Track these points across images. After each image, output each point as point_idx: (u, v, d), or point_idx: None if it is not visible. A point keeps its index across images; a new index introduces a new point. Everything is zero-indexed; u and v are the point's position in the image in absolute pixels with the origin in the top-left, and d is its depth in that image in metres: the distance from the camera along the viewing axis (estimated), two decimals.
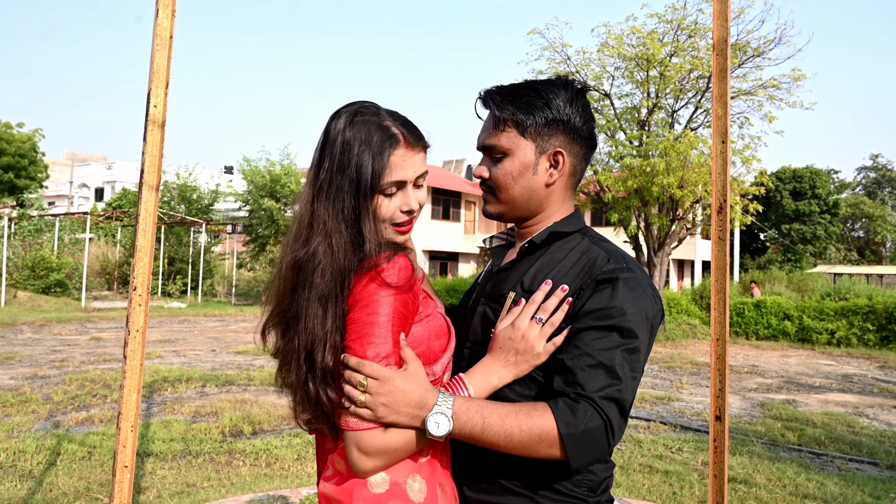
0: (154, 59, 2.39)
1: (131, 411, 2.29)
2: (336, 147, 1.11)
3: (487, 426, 1.01)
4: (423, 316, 1.10)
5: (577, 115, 1.19)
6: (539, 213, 1.23)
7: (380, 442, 1.01)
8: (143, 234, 2.37)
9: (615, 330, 1.06)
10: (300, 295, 1.08)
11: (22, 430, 5.36)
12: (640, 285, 1.10)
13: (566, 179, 1.23)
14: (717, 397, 2.71)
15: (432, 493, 1.08)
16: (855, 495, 4.28)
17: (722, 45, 2.69)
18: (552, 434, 0.99)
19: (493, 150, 1.20)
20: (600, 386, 1.01)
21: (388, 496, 1.04)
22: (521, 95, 1.18)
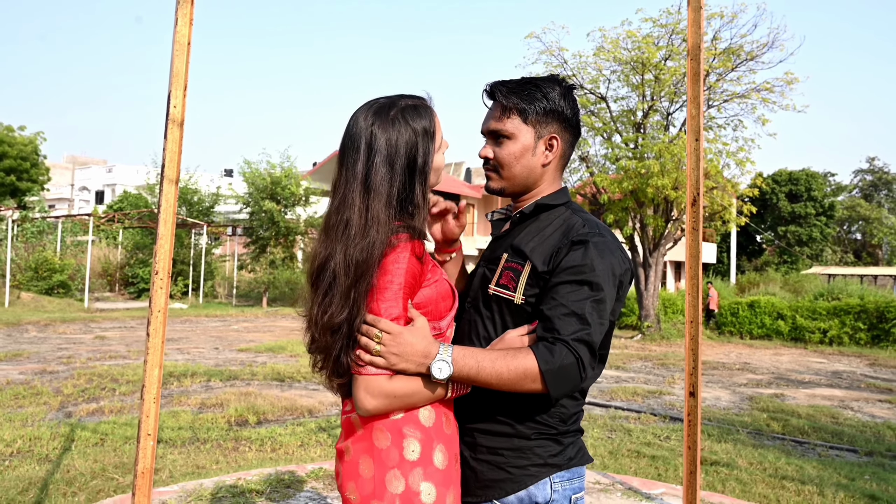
0: (174, 64, 2.63)
1: (154, 384, 2.53)
2: (379, 143, 1.28)
3: (481, 368, 1.22)
4: (431, 281, 1.32)
5: (568, 108, 1.43)
6: (533, 189, 1.46)
7: (385, 387, 1.23)
8: (164, 224, 2.60)
9: (585, 284, 1.28)
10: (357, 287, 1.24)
11: (35, 419, 5.58)
12: (608, 247, 1.33)
13: (557, 161, 1.46)
14: (691, 374, 2.95)
15: (439, 420, 1.30)
16: (831, 477, 4.50)
17: (696, 51, 2.92)
18: (534, 371, 1.21)
19: (499, 133, 1.42)
20: (573, 330, 1.23)
21: (403, 420, 1.27)
22: (524, 88, 1.41)
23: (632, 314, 17.09)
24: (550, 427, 1.35)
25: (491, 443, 1.36)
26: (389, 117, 1.30)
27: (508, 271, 1.38)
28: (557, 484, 1.34)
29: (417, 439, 1.26)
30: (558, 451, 1.35)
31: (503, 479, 1.33)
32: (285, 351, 10.62)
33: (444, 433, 1.30)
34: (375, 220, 1.25)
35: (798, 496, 4.08)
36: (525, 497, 1.32)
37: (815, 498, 4.04)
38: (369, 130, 1.29)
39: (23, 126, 29.18)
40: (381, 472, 1.25)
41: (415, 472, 1.24)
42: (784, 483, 4.31)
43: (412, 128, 1.30)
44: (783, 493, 4.11)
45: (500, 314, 1.38)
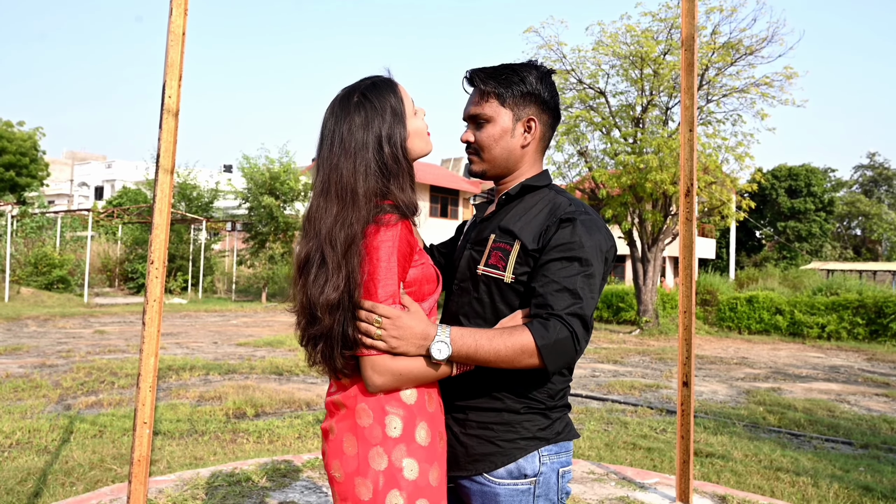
0: (168, 54, 2.64)
1: (150, 373, 2.55)
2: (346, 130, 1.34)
3: (479, 346, 1.25)
4: (418, 263, 1.35)
5: (545, 91, 1.47)
6: (514, 171, 1.50)
7: (391, 365, 1.26)
8: (159, 213, 2.62)
9: (575, 260, 1.31)
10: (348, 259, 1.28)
11: (35, 411, 5.60)
12: (595, 225, 1.36)
13: (537, 143, 1.49)
14: (685, 364, 2.97)
15: (422, 398, 1.32)
16: (826, 468, 4.52)
17: (689, 42, 2.93)
18: (531, 347, 1.24)
19: (478, 117, 1.47)
20: (566, 305, 1.26)
21: (385, 398, 1.30)
22: (501, 73, 1.45)
23: (630, 309, 17.10)
24: (539, 402, 1.38)
25: (481, 418, 1.39)
26: (353, 103, 1.35)
27: (497, 251, 1.40)
28: (546, 457, 1.37)
29: (400, 416, 1.28)
30: (546, 426, 1.39)
31: (493, 452, 1.36)
32: (284, 345, 10.64)
33: (427, 411, 1.32)
34: (356, 201, 1.29)
35: (792, 487, 4.10)
36: (514, 469, 1.35)
37: (809, 489, 4.06)
38: (335, 119, 1.35)
39: (22, 121, 29.13)
40: (365, 449, 1.27)
41: (397, 449, 1.27)
42: (779, 474, 4.33)
43: (376, 106, 1.34)
44: (777, 485, 4.13)
45: (490, 294, 1.40)
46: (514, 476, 1.35)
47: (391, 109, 1.36)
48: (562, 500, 1.40)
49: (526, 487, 1.35)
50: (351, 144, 1.32)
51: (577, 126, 15.04)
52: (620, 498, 3.47)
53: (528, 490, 1.35)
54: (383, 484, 1.25)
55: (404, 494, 1.25)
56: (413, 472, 1.26)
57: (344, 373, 1.32)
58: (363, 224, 1.28)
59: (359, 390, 1.31)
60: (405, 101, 1.38)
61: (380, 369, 1.26)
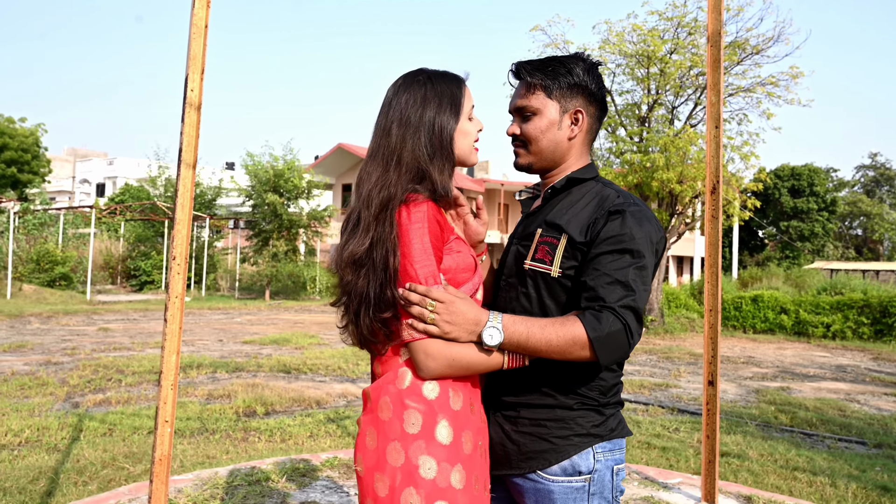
0: (191, 47, 2.60)
1: (171, 371, 2.51)
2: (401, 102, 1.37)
3: (531, 335, 1.23)
4: (453, 251, 1.32)
5: (592, 82, 1.44)
6: (561, 164, 1.47)
7: (445, 350, 1.24)
8: (181, 208, 2.58)
9: (626, 252, 1.28)
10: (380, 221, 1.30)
11: (43, 409, 5.56)
12: (644, 216, 1.33)
13: (584, 135, 1.47)
14: (710, 363, 2.93)
15: (444, 393, 1.27)
16: (842, 468, 4.49)
17: (716, 38, 2.90)
18: (583, 339, 1.21)
19: (524, 109, 1.45)
20: (618, 297, 1.23)
21: (406, 392, 1.26)
22: (548, 65, 1.44)
23: None
24: (592, 399, 1.35)
25: (533, 415, 1.36)
26: (417, 80, 1.38)
27: (544, 245, 1.38)
28: (600, 454, 1.34)
29: (420, 412, 1.24)
30: (600, 422, 1.36)
31: (546, 449, 1.34)
32: (290, 343, 10.61)
33: (451, 408, 1.27)
34: (398, 167, 1.32)
35: (810, 487, 4.07)
36: (569, 466, 1.33)
37: (827, 489, 4.03)
38: (396, 90, 1.38)
39: (23, 118, 29.12)
40: (383, 443, 1.25)
41: (415, 446, 1.22)
42: (795, 474, 4.30)
43: (438, 90, 1.37)
44: (795, 484, 4.09)
45: (537, 289, 1.38)
46: (569, 473, 1.32)
47: (450, 99, 1.37)
48: (616, 498, 1.37)
49: (580, 485, 1.32)
50: (406, 114, 1.34)
51: None
52: (645, 498, 3.43)
53: (582, 488, 1.32)
54: (400, 481, 1.21)
55: (422, 493, 1.20)
56: (431, 472, 1.21)
57: (372, 341, 1.29)
58: (400, 192, 1.28)
59: (383, 382, 1.29)
60: (465, 100, 1.39)
61: (433, 353, 1.23)
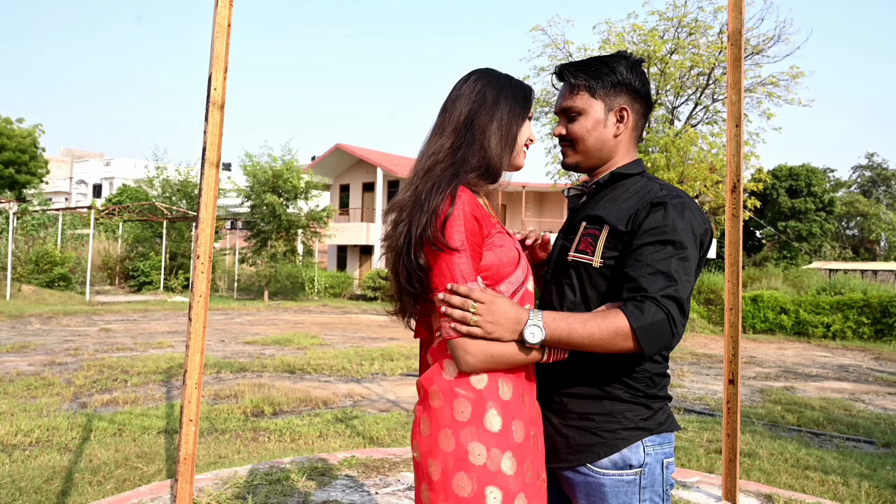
0: (214, 46, 2.60)
1: (195, 369, 2.51)
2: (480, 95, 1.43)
3: (573, 330, 1.23)
4: (495, 245, 1.33)
5: (636, 80, 1.45)
6: (608, 161, 1.49)
7: (484, 347, 1.26)
8: (205, 208, 2.58)
9: (669, 243, 1.28)
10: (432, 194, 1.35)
11: (51, 409, 5.54)
12: (687, 207, 1.33)
13: (630, 132, 1.48)
14: (731, 362, 2.94)
15: (493, 383, 1.29)
16: (853, 467, 4.51)
17: (736, 36, 2.90)
18: (626, 329, 1.21)
19: (570, 110, 1.47)
20: (660, 287, 1.23)
21: (455, 381, 1.29)
22: (591, 65, 1.45)
23: None
24: (639, 391, 1.36)
25: (581, 408, 1.37)
26: (497, 75, 1.43)
27: (587, 237, 1.40)
28: (650, 447, 1.35)
29: (469, 399, 1.27)
30: (649, 416, 1.36)
31: (595, 443, 1.34)
32: (292, 343, 10.60)
33: (500, 398, 1.29)
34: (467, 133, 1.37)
35: (822, 486, 4.08)
36: (619, 460, 1.33)
37: (840, 488, 4.04)
38: (472, 79, 1.43)
39: (21, 118, 29.00)
40: (436, 430, 1.29)
41: (465, 432, 1.26)
42: (807, 473, 4.31)
43: (515, 89, 1.42)
44: (808, 483, 4.10)
45: (580, 279, 1.39)
46: (619, 467, 1.33)
47: (524, 98, 1.43)
48: (667, 492, 1.38)
49: (631, 478, 1.32)
50: (483, 99, 1.39)
51: None
52: None
53: (633, 481, 1.32)
54: (452, 466, 1.25)
55: (472, 477, 1.23)
56: (481, 458, 1.24)
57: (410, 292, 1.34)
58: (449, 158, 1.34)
59: (434, 372, 1.33)
60: (531, 108, 1.45)
61: (472, 351, 1.25)
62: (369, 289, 23.50)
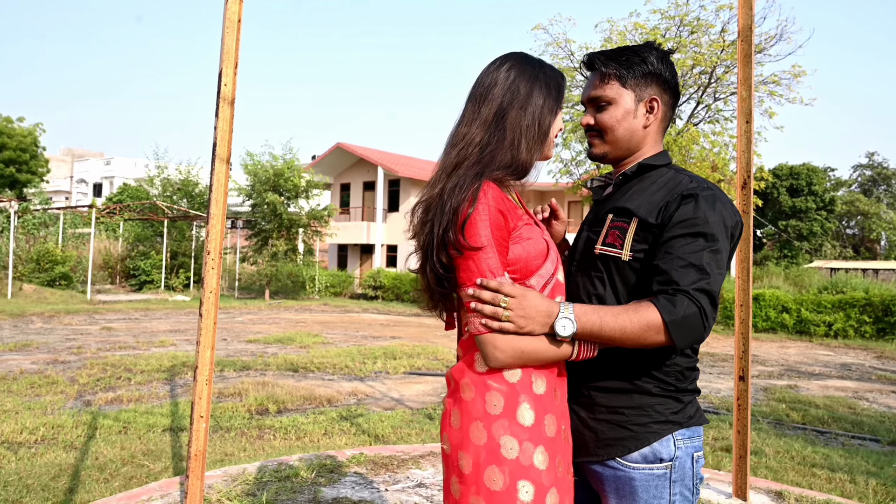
0: (224, 41, 2.59)
1: (206, 366, 2.50)
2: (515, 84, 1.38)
3: (604, 324, 1.21)
4: (522, 238, 1.30)
5: (666, 70, 1.44)
6: (635, 152, 1.47)
7: (514, 343, 1.24)
8: (215, 203, 2.57)
9: (700, 235, 1.26)
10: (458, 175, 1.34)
11: (55, 407, 5.54)
12: (718, 199, 1.31)
13: (658, 123, 1.46)
14: (741, 359, 2.93)
15: (526, 377, 1.28)
16: (860, 465, 4.50)
17: (746, 32, 2.90)
18: (658, 323, 1.20)
19: (599, 100, 1.44)
20: (692, 280, 1.21)
21: (488, 373, 1.28)
22: (621, 54, 1.43)
23: None
24: (669, 384, 1.35)
25: (610, 401, 1.35)
26: (534, 63, 1.38)
27: (614, 230, 1.38)
28: (680, 441, 1.34)
29: (502, 393, 1.26)
30: (679, 409, 1.35)
31: (625, 437, 1.33)
32: (294, 342, 10.59)
33: (533, 392, 1.28)
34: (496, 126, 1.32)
35: (829, 483, 4.08)
36: (649, 453, 1.32)
37: (847, 485, 4.03)
38: (507, 66, 1.37)
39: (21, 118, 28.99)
40: (467, 423, 1.27)
41: (497, 425, 1.24)
42: (814, 471, 4.31)
43: (551, 80, 1.38)
44: (815, 481, 4.10)
45: (608, 272, 1.38)
46: (650, 460, 1.31)
47: (557, 88, 1.39)
48: (696, 486, 1.37)
49: (662, 472, 1.31)
50: (516, 89, 1.34)
51: None
52: None
53: (664, 475, 1.31)
54: (483, 459, 1.23)
55: (504, 471, 1.22)
56: (513, 451, 1.23)
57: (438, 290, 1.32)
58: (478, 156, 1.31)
59: (465, 364, 1.32)
60: (563, 97, 1.42)
61: (502, 346, 1.24)
62: (370, 288, 23.49)
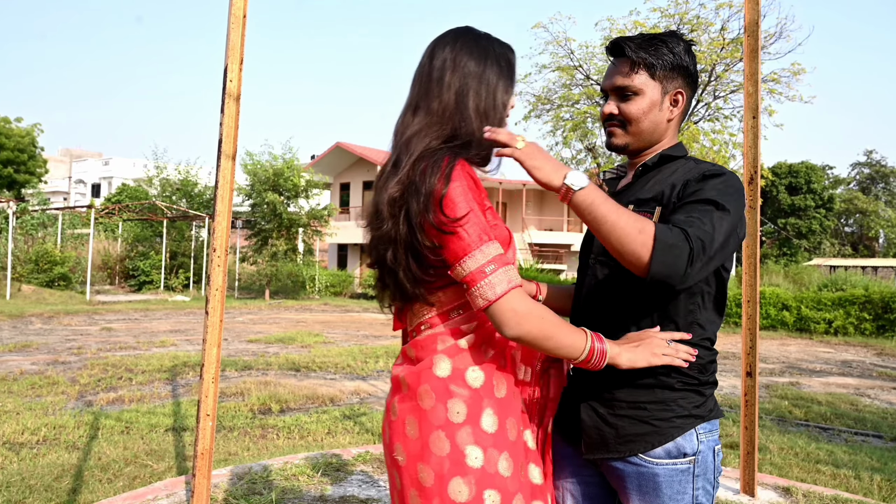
0: (230, 37, 2.58)
1: (212, 364, 2.49)
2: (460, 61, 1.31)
3: (608, 201, 1.16)
4: (491, 223, 1.24)
5: (691, 63, 1.42)
6: (655, 144, 1.45)
7: (532, 305, 1.16)
8: (221, 200, 2.56)
9: (715, 205, 1.23)
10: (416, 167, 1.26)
11: (56, 408, 5.52)
12: (737, 187, 1.30)
13: (680, 116, 1.45)
14: (749, 354, 2.92)
15: (488, 381, 1.23)
16: (864, 461, 4.50)
17: (753, 27, 2.89)
18: (650, 233, 1.14)
19: (626, 89, 1.40)
20: (696, 228, 1.17)
21: (449, 379, 1.21)
22: (651, 43, 1.39)
23: None
24: (692, 378, 1.32)
25: (632, 397, 1.32)
26: (481, 36, 1.32)
27: None
28: (703, 435, 1.32)
29: (464, 399, 1.20)
30: (701, 403, 1.33)
31: (648, 432, 1.31)
32: (295, 342, 10.57)
33: (495, 396, 1.23)
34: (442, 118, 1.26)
35: (834, 479, 4.07)
36: (673, 448, 1.30)
37: (851, 481, 4.03)
38: (453, 44, 1.30)
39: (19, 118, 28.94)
40: (427, 432, 1.20)
41: (461, 434, 1.18)
42: (819, 467, 4.30)
43: (502, 56, 1.31)
44: (819, 477, 4.10)
45: None
46: (673, 456, 1.29)
47: (508, 64, 1.32)
48: (717, 479, 1.35)
49: (685, 467, 1.29)
50: (466, 70, 1.28)
51: (585, 122, 15.00)
52: None
53: (687, 470, 1.30)
54: (447, 470, 1.17)
55: (471, 481, 1.16)
56: (478, 460, 1.17)
57: (416, 295, 1.24)
58: (440, 143, 1.24)
59: (424, 368, 1.23)
60: (516, 73, 1.35)
61: (522, 309, 1.15)
62: (370, 287, 23.48)
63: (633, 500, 1.33)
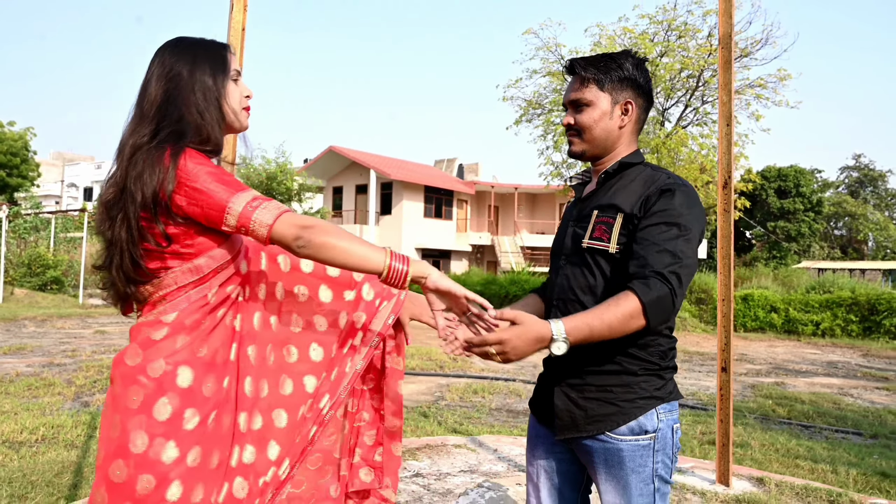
0: None
1: None
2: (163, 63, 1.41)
3: (593, 328, 1.32)
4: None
5: (641, 76, 1.57)
6: (612, 151, 1.59)
7: (307, 216, 1.31)
8: None
9: (675, 225, 1.39)
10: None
11: (53, 408, 5.60)
12: (693, 197, 1.46)
13: (633, 125, 1.59)
14: (723, 350, 3.06)
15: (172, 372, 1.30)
16: (842, 456, 4.65)
17: (726, 40, 3.03)
18: (637, 309, 1.32)
19: (579, 101, 1.57)
20: (666, 264, 1.34)
21: (136, 368, 1.30)
22: (600, 60, 1.56)
23: None
24: (653, 363, 1.47)
25: (600, 381, 1.47)
26: (184, 43, 1.41)
27: (601, 225, 1.49)
28: (662, 414, 1.46)
29: (143, 387, 1.27)
30: (661, 385, 1.48)
31: (613, 412, 1.45)
32: None
33: (176, 385, 1.29)
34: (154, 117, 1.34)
35: (812, 474, 4.22)
36: (636, 426, 1.44)
37: (829, 475, 4.17)
38: (162, 52, 1.40)
39: (12, 122, 28.87)
40: (109, 415, 1.30)
41: (133, 421, 1.26)
42: (797, 462, 4.45)
43: (204, 51, 1.40)
44: (798, 471, 4.24)
45: (597, 265, 1.49)
46: (636, 433, 1.44)
47: (220, 60, 1.41)
48: (675, 455, 1.51)
49: (647, 443, 1.44)
50: (176, 71, 1.36)
51: None
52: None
53: (648, 445, 1.44)
54: (112, 451, 1.27)
55: (130, 464, 1.25)
56: (142, 446, 1.25)
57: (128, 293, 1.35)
58: (151, 140, 1.31)
59: (122, 354, 1.33)
60: (231, 64, 1.43)
61: (301, 219, 1.29)
62: None
63: (601, 473, 1.47)
